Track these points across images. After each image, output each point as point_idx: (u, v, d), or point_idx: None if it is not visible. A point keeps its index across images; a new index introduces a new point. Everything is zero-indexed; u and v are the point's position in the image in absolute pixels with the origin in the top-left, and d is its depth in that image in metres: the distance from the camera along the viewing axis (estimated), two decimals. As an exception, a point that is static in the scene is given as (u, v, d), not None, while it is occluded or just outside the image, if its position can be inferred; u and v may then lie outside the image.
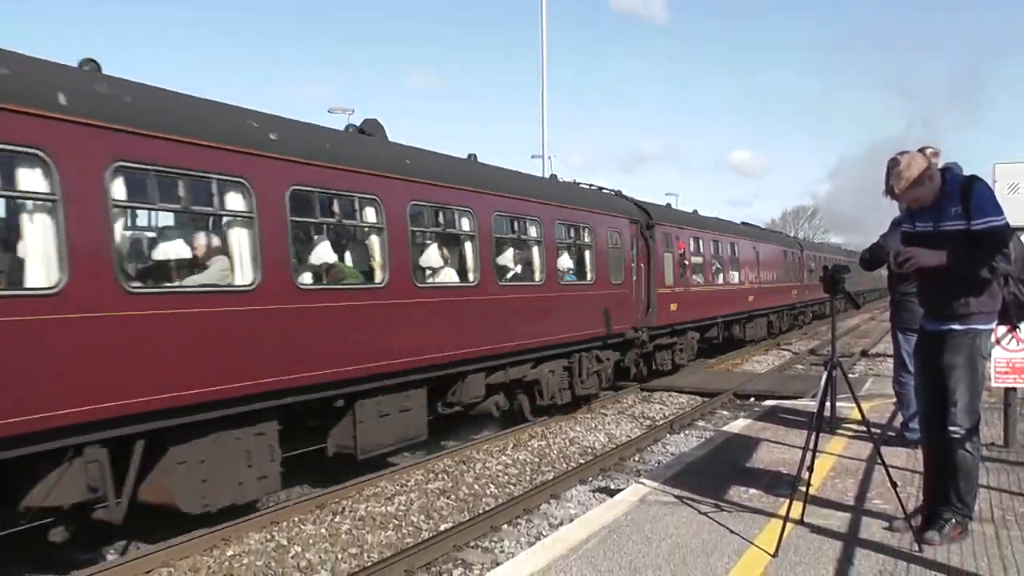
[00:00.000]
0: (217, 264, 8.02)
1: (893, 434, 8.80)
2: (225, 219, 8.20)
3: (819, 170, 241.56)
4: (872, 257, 8.32)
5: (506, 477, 10.93)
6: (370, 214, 9.95)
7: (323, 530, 8.58)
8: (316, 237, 9.74)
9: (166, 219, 8.48)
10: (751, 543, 5.48)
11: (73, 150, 6.50)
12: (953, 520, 5.34)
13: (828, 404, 6.01)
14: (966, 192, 5.13)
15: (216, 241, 8.22)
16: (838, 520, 5.98)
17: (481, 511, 9.27)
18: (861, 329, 36.76)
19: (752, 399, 16.97)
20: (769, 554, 5.22)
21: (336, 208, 9.73)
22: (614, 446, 12.71)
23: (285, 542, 8.20)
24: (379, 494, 9.90)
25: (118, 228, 7.11)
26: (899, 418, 9.09)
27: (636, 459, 11.86)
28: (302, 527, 8.69)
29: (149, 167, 7.23)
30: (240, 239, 8.08)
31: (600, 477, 10.74)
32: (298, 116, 9.91)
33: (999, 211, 5.04)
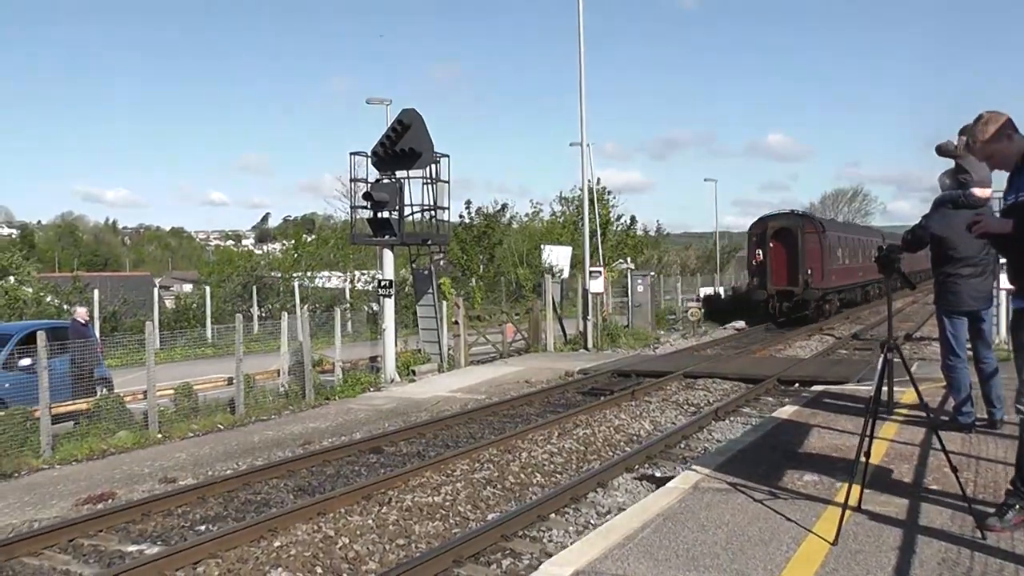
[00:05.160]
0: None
1: (946, 418, 8.62)
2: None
3: (856, 152, 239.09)
4: (914, 238, 8.20)
5: (552, 466, 10.88)
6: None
7: (370, 521, 8.57)
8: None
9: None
10: (809, 531, 5.38)
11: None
12: (1017, 506, 5.20)
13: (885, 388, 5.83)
14: None
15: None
16: (896, 507, 5.86)
17: (528, 500, 9.22)
18: (905, 312, 36.23)
19: (796, 385, 16.82)
20: (828, 542, 5.12)
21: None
22: (660, 434, 12.62)
23: (332, 533, 8.20)
24: (425, 484, 9.88)
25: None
26: (950, 402, 8.91)
27: (682, 446, 11.75)
28: (348, 518, 8.69)
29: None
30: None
31: (646, 465, 10.64)
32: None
33: None
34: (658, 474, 10.16)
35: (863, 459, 5.54)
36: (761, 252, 33.34)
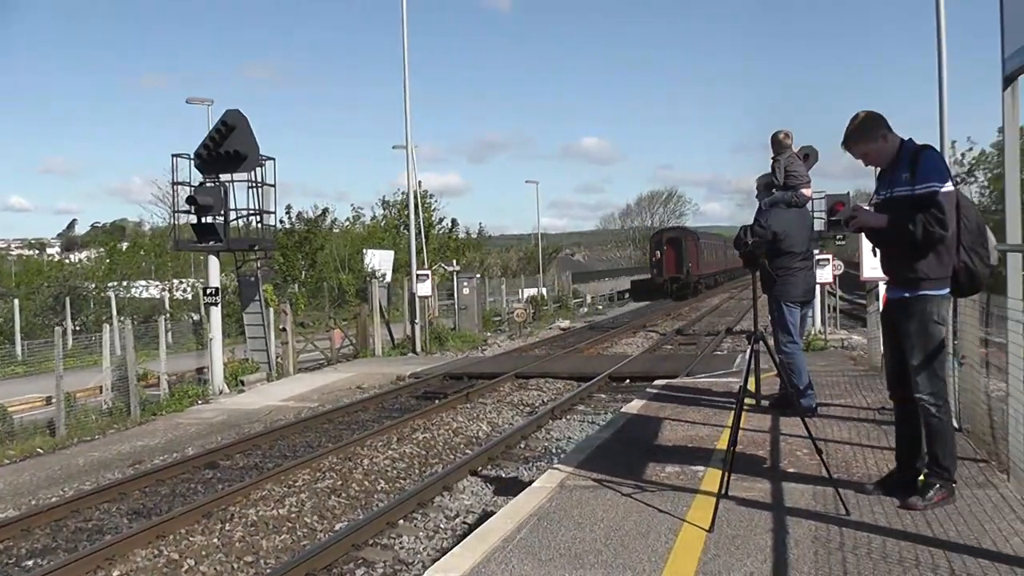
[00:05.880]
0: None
1: (768, 403, 8.98)
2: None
3: (669, 155, 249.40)
4: (759, 237, 8.59)
5: (395, 472, 10.69)
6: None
7: (215, 539, 8.12)
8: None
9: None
10: (684, 520, 5.39)
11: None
12: (938, 485, 5.38)
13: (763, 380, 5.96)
14: (915, 159, 5.25)
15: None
16: (760, 491, 5.98)
17: (375, 508, 9.01)
18: (723, 308, 38.01)
19: (628, 381, 17.20)
20: (704, 529, 5.14)
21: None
22: (499, 435, 12.59)
23: (176, 556, 7.69)
24: (267, 497, 9.46)
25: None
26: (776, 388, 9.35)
27: (522, 446, 11.76)
28: (191, 539, 8.17)
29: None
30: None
31: (489, 467, 10.58)
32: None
33: (943, 178, 5.13)
34: (503, 475, 10.19)
35: (732, 448, 5.59)
36: (659, 253, 52.99)
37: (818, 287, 17.01)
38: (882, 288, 8.46)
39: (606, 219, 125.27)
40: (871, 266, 8.18)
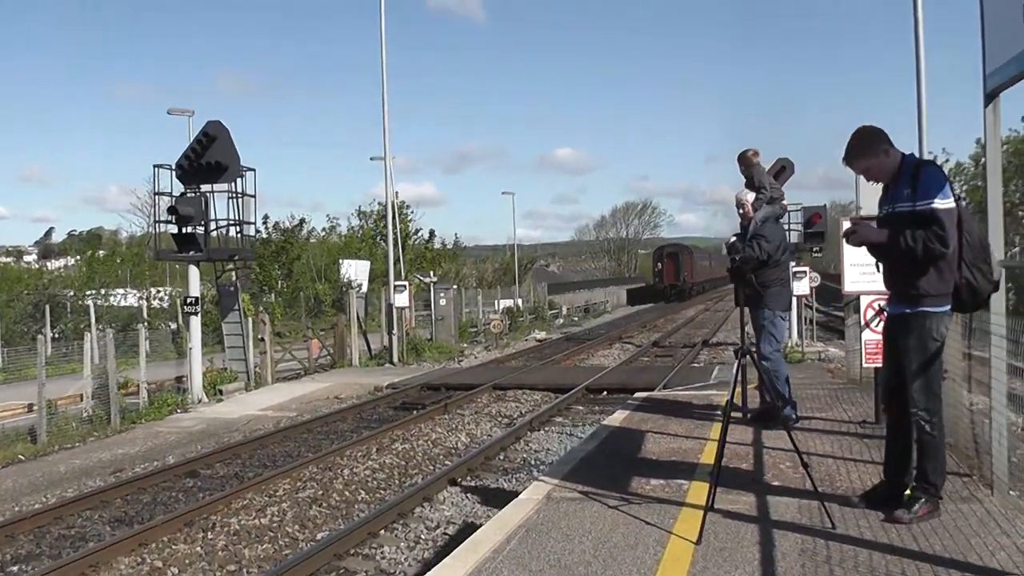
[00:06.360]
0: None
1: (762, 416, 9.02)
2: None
3: (644, 166, 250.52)
4: (766, 254, 8.74)
5: (375, 482, 10.66)
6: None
7: (197, 548, 8.06)
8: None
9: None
10: (671, 533, 5.42)
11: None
12: (924, 499, 5.42)
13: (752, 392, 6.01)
14: (916, 174, 5.28)
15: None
16: (746, 504, 6.02)
17: (356, 518, 8.98)
18: (698, 320, 38.18)
19: (605, 393, 17.24)
20: (692, 542, 5.17)
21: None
22: (477, 446, 12.58)
23: (160, 564, 7.64)
24: (248, 506, 9.42)
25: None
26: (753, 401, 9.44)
27: (501, 458, 11.75)
28: (174, 547, 8.12)
29: None
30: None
31: (469, 478, 10.57)
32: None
33: (944, 194, 5.14)
34: (483, 485, 10.19)
35: (719, 460, 5.62)
36: (660, 264, 69.90)
37: (794, 299, 17.26)
38: (864, 301, 8.50)
39: (581, 230, 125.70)
40: (852, 280, 8.23)
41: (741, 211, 9.06)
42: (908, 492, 5.49)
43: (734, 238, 9.07)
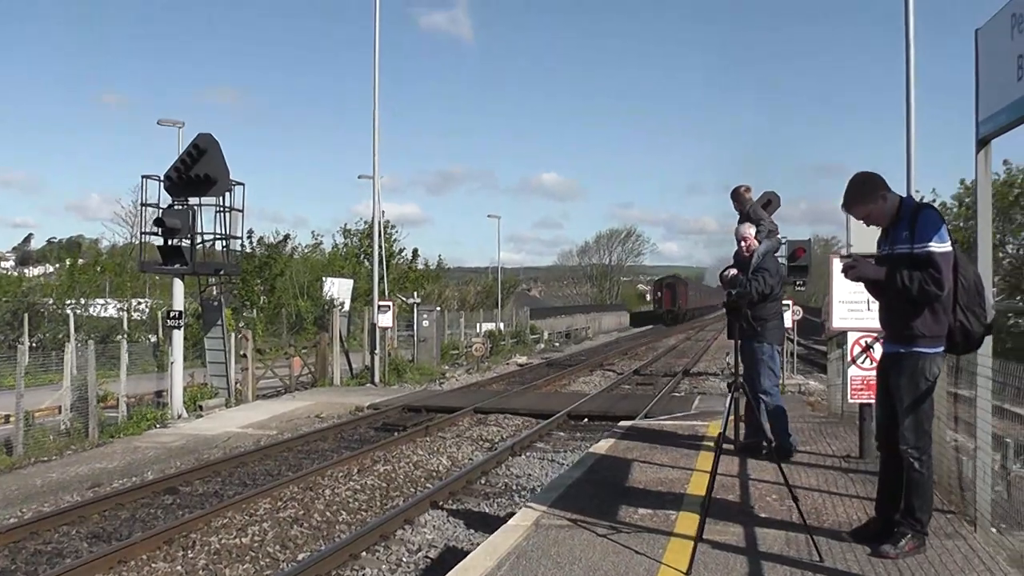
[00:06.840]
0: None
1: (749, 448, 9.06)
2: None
3: (626, 194, 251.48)
4: (770, 289, 8.84)
5: (357, 503, 10.65)
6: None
7: (178, 567, 8.03)
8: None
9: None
10: (660, 562, 5.45)
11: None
12: (910, 535, 5.48)
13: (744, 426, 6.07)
14: (914, 218, 5.38)
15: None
16: (734, 535, 6.06)
17: (338, 539, 8.96)
18: (680, 348, 38.29)
19: (586, 420, 17.27)
20: (682, 572, 5.20)
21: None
22: (459, 469, 12.59)
23: (140, 583, 7.57)
24: (229, 525, 9.37)
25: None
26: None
27: (483, 482, 11.77)
28: (153, 565, 8.08)
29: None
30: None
31: (451, 501, 10.58)
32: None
33: (941, 238, 5.24)
34: (466, 508, 10.26)
35: (709, 492, 5.66)
36: (659, 293, 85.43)
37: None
38: (852, 337, 8.59)
39: (563, 255, 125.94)
40: (840, 316, 8.31)
41: (743, 244, 9.06)
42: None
43: (734, 271, 9.09)
